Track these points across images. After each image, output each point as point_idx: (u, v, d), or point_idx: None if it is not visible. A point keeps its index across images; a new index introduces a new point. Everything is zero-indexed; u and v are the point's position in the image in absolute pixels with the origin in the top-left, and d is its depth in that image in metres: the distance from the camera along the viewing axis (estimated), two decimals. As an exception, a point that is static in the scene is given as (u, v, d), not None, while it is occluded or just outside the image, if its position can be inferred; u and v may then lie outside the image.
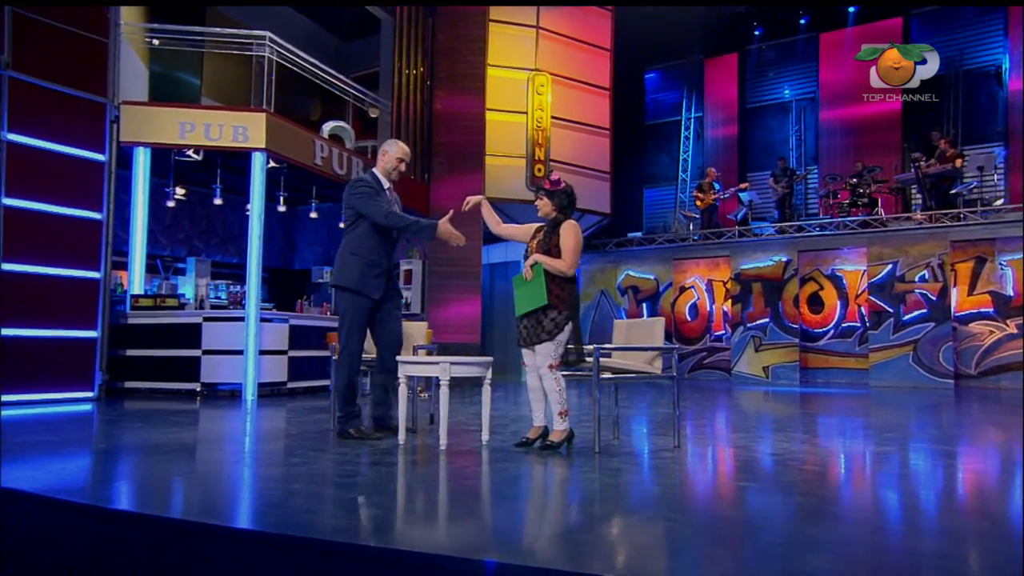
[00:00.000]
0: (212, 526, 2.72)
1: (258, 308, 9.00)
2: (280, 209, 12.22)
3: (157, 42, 9.58)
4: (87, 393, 8.06)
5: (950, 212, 12.63)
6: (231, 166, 10.54)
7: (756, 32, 16.53)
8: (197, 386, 8.89)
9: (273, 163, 9.70)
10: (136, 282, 9.26)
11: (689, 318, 14.94)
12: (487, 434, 4.89)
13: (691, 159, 17.29)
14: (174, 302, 9.18)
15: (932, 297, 12.42)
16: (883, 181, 13.74)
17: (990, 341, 12.23)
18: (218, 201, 11.21)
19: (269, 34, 9.72)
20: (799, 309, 13.73)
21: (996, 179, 13.33)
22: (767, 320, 13.87)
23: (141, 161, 9.15)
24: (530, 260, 4.70)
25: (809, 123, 15.98)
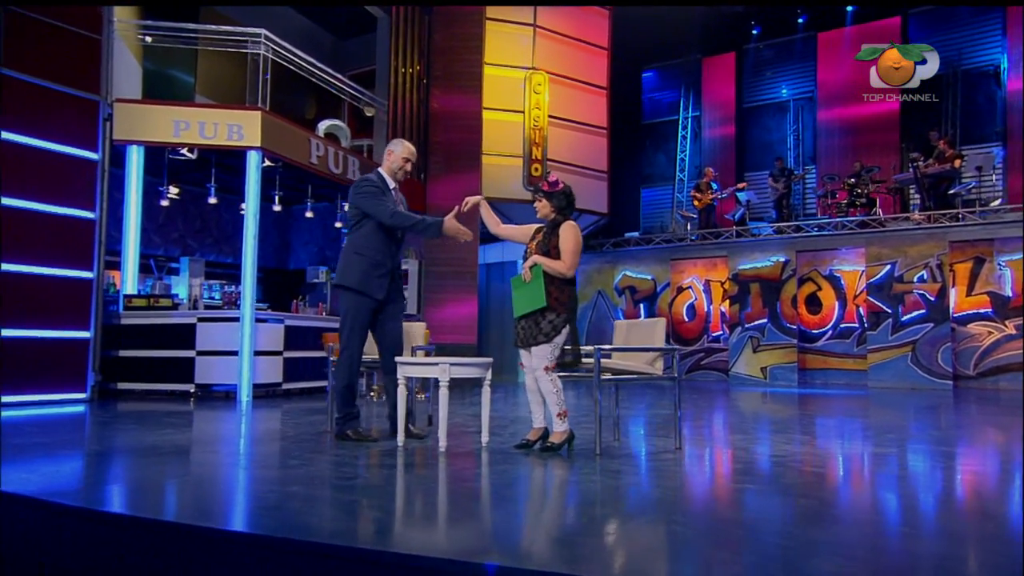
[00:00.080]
0: (209, 529, 2.69)
1: (253, 308, 8.91)
2: (275, 208, 12.13)
3: (150, 39, 9.48)
4: (80, 394, 7.98)
5: (948, 212, 12.61)
6: (226, 165, 10.44)
7: (754, 31, 16.49)
8: (191, 387, 8.80)
9: (268, 162, 9.60)
10: (129, 282, 9.16)
11: (686, 319, 14.89)
12: (487, 436, 4.85)
13: (688, 159, 17.23)
14: (168, 302, 9.09)
15: (931, 298, 12.39)
16: (881, 181, 13.71)
17: (988, 342, 12.21)
18: (213, 200, 11.11)
19: (264, 31, 9.64)
20: (797, 310, 13.70)
21: (994, 179, 13.30)
22: (765, 321, 13.83)
23: (134, 160, 9.03)
24: (529, 261, 4.66)
25: (807, 123, 15.93)
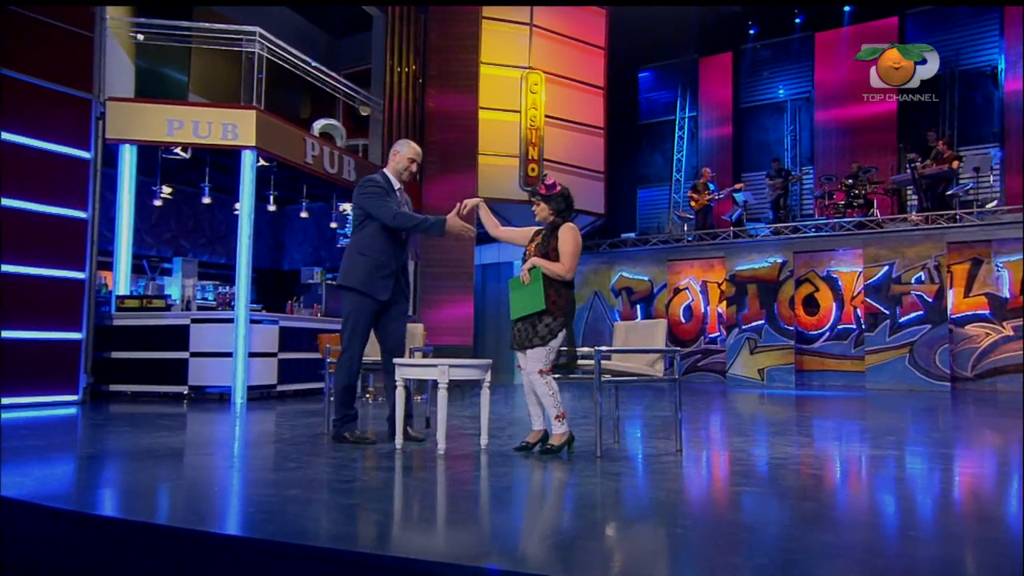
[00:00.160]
0: (206, 533, 2.66)
1: (247, 309, 8.83)
2: (270, 208, 12.04)
3: (142, 37, 9.38)
4: (71, 396, 7.92)
5: (946, 213, 12.58)
6: (219, 164, 10.37)
7: (751, 31, 16.43)
8: (184, 389, 8.72)
9: (263, 161, 9.53)
10: (122, 283, 9.07)
11: (683, 320, 14.83)
12: (486, 438, 4.81)
13: (685, 159, 17.16)
14: (161, 303, 9.00)
15: (928, 299, 12.35)
16: (879, 182, 13.67)
17: (986, 343, 12.17)
18: (207, 200, 11.01)
19: (259, 30, 9.56)
20: (794, 311, 13.65)
21: (992, 180, 13.28)
22: (762, 322, 13.78)
23: (127, 159, 8.95)
24: (527, 264, 4.64)
25: (804, 123, 15.87)
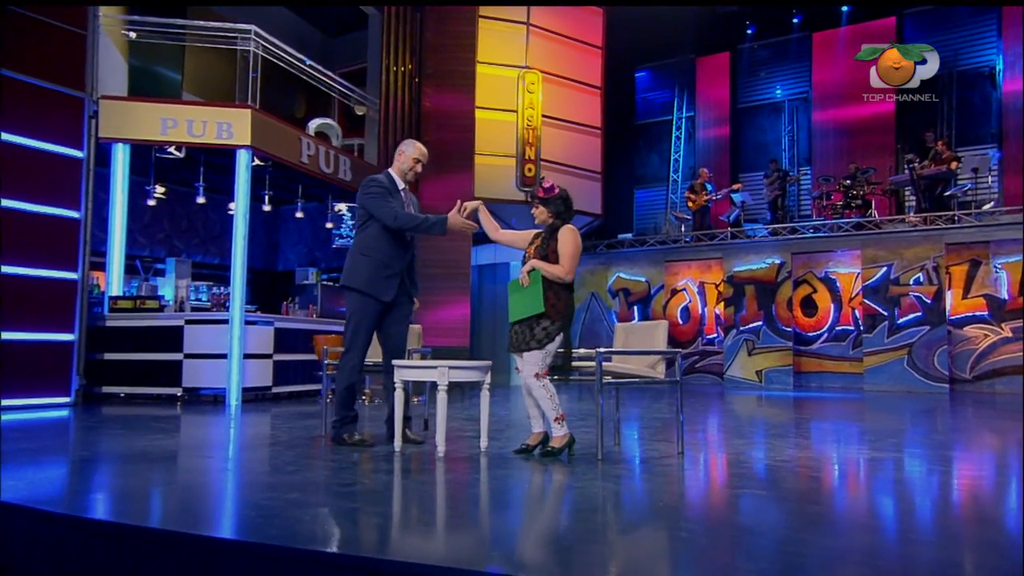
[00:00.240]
0: (204, 537, 2.65)
1: (243, 310, 8.74)
2: (265, 208, 11.95)
3: (135, 35, 9.27)
4: (63, 398, 7.83)
5: (944, 214, 12.55)
6: (214, 164, 10.27)
7: (748, 31, 16.38)
8: (178, 391, 8.62)
9: (258, 161, 9.45)
10: (114, 283, 8.97)
11: (681, 321, 14.76)
12: (485, 440, 4.77)
13: (682, 159, 17.11)
14: (154, 304, 8.90)
15: (927, 300, 12.32)
16: (877, 183, 13.63)
17: (985, 345, 12.14)
18: (201, 200, 10.92)
19: (254, 27, 9.47)
20: (792, 312, 13.60)
21: (990, 181, 13.25)
22: (760, 323, 13.73)
23: (120, 158, 8.85)
24: (527, 266, 4.61)
25: (802, 123, 15.84)
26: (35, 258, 7.61)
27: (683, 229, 15.42)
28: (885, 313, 12.65)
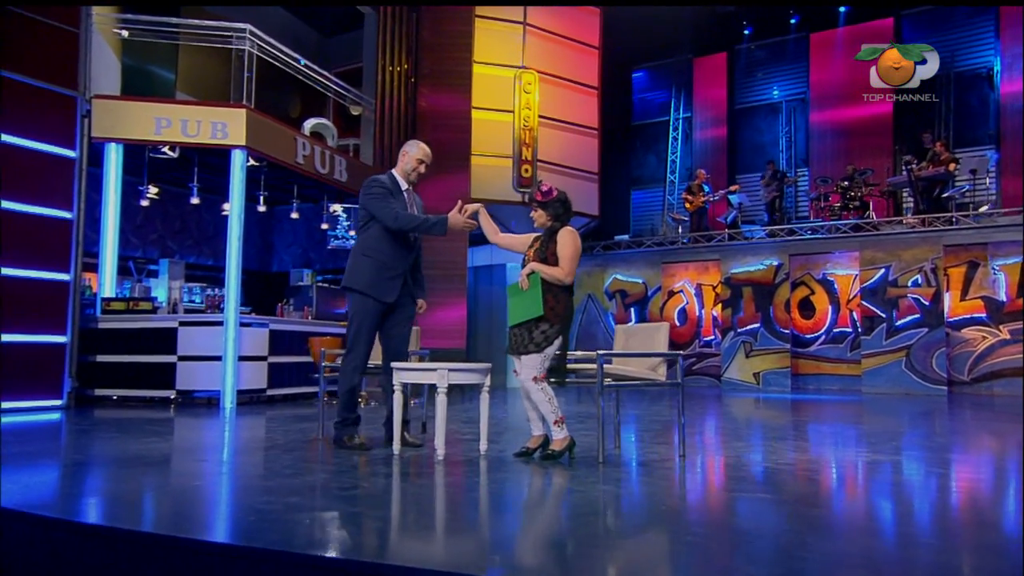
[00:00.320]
0: (201, 542, 2.64)
1: (237, 312, 8.65)
2: (260, 209, 11.86)
3: (127, 33, 9.18)
4: (56, 401, 7.75)
5: (943, 216, 12.52)
6: (208, 164, 10.18)
7: (746, 31, 16.33)
8: (172, 393, 8.54)
9: (253, 161, 9.37)
10: (107, 284, 8.88)
11: (678, 323, 14.70)
12: (485, 443, 4.73)
13: (679, 160, 17.06)
14: (148, 305, 8.83)
15: (925, 302, 12.29)
16: (875, 184, 13.61)
17: (983, 347, 12.12)
18: (195, 200, 10.82)
19: (249, 27, 9.39)
20: (790, 314, 13.56)
21: (988, 182, 13.23)
22: (758, 325, 13.69)
23: (113, 158, 8.76)
24: (526, 269, 4.58)
25: (799, 124, 15.80)
26: (27, 259, 7.53)
27: (680, 230, 15.36)
28: (883, 315, 12.62)
